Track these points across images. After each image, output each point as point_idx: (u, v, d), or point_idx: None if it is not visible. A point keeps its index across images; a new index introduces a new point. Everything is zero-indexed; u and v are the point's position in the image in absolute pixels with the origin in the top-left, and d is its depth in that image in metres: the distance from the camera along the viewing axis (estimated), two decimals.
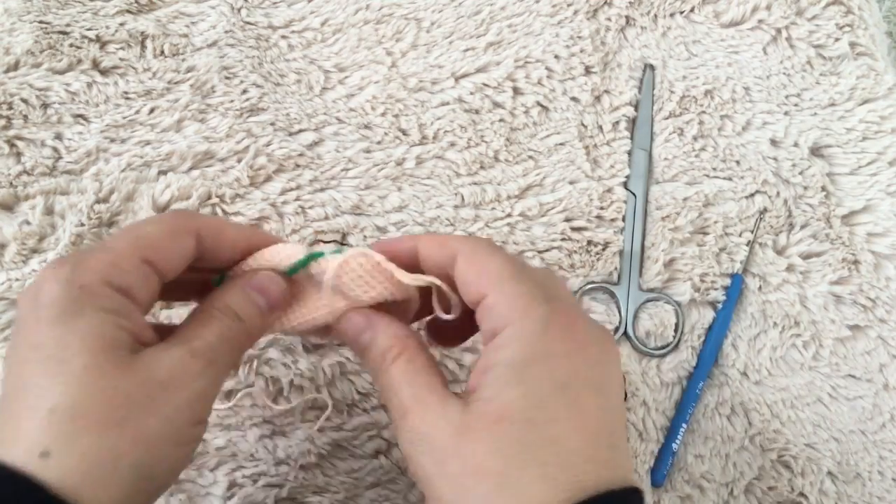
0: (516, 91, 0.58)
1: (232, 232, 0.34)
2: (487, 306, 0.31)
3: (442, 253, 0.33)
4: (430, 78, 0.58)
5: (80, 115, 0.54)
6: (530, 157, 0.56)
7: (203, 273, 0.35)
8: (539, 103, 0.58)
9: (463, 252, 0.32)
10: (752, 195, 0.57)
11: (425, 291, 0.35)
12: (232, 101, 0.55)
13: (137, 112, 0.55)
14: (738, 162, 0.58)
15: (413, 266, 0.34)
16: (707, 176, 0.57)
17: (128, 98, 0.55)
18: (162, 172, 0.53)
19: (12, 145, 0.53)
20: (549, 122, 0.58)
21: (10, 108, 0.53)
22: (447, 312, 0.34)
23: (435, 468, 0.29)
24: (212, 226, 0.33)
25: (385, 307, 0.36)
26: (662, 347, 0.53)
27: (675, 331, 0.53)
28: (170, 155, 0.53)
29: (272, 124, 0.55)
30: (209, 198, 0.53)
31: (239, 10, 0.58)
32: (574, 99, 0.58)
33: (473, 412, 0.29)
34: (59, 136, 0.53)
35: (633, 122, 0.58)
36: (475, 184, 0.55)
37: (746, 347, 0.53)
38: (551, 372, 0.29)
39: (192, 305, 0.35)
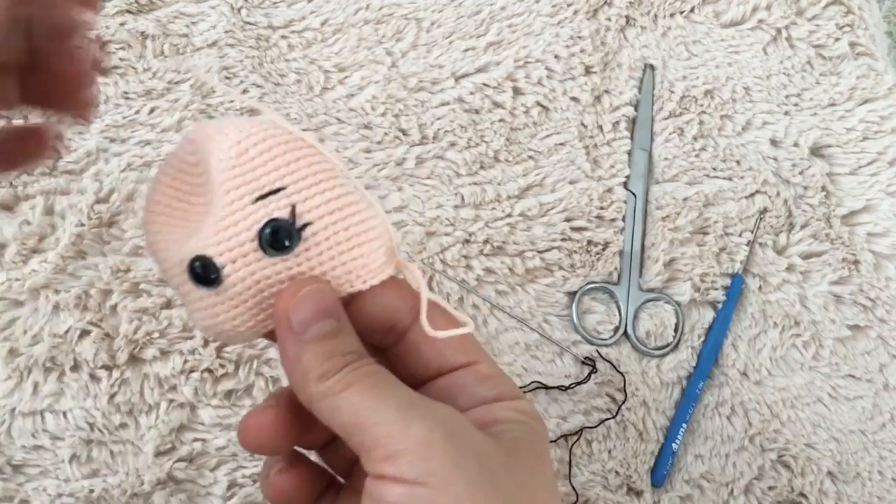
0: (516, 91, 0.58)
1: None
2: (480, 372, 0.27)
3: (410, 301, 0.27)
4: (430, 78, 0.58)
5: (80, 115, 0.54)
6: (530, 157, 0.56)
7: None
8: (539, 103, 0.58)
9: (436, 305, 0.28)
10: (752, 195, 0.57)
11: None
12: (232, 101, 0.55)
13: (137, 112, 0.54)
14: (738, 162, 0.58)
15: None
16: (707, 176, 0.57)
17: (128, 98, 0.55)
18: None
19: None
20: (549, 122, 0.58)
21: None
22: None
23: None
24: None
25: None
26: (662, 347, 0.53)
27: (675, 331, 0.53)
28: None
29: None
30: None
31: (239, 10, 0.58)
32: (574, 99, 0.58)
33: None
34: (58, 136, 0.53)
35: (633, 122, 0.58)
36: (475, 184, 0.55)
37: (746, 347, 0.53)
38: (544, 452, 0.26)
39: None
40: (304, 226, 0.25)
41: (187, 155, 0.26)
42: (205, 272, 0.25)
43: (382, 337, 0.28)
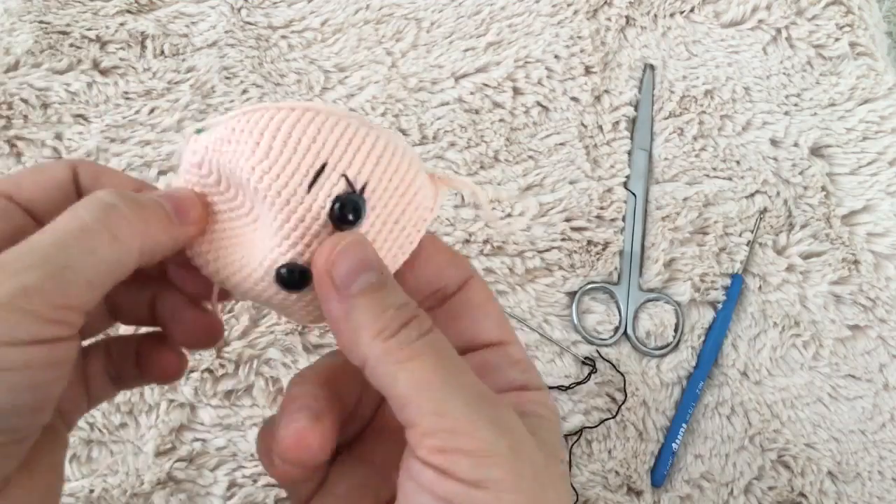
0: (516, 91, 0.58)
1: (114, 174, 0.27)
2: (510, 354, 0.27)
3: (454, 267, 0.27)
4: (430, 78, 0.58)
5: (81, 115, 0.54)
6: (530, 157, 0.56)
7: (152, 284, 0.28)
8: (539, 103, 0.58)
9: (478, 278, 0.28)
10: (752, 195, 0.57)
11: None
12: (232, 101, 0.55)
13: (137, 112, 0.55)
14: (738, 162, 0.58)
15: None
16: (707, 176, 0.57)
17: (128, 98, 0.55)
18: (162, 173, 0.53)
19: (12, 145, 0.53)
20: (549, 122, 0.58)
21: (11, 108, 0.53)
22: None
23: None
24: (89, 163, 0.27)
25: None
26: (662, 347, 0.53)
27: (675, 331, 0.53)
28: (170, 155, 0.53)
29: None
30: None
31: (239, 10, 0.58)
32: (574, 99, 0.58)
33: None
34: (59, 136, 0.53)
35: (633, 122, 0.58)
36: (475, 184, 0.55)
37: (746, 347, 0.53)
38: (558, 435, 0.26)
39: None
40: (364, 187, 0.25)
41: (203, 178, 0.26)
42: (292, 277, 0.25)
43: (424, 299, 0.27)
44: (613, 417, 0.50)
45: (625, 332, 0.53)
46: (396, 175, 0.25)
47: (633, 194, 0.56)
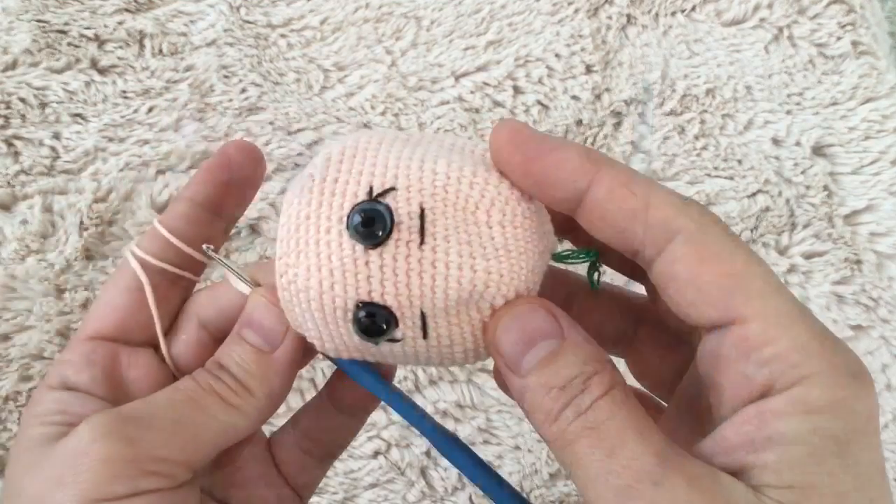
0: (517, 90, 0.58)
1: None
2: (745, 338, 0.20)
3: (631, 214, 0.21)
4: (429, 77, 0.57)
5: (79, 115, 0.54)
6: None
7: None
8: (539, 102, 0.57)
9: (688, 231, 0.20)
10: (753, 194, 0.57)
11: None
12: (231, 100, 0.55)
13: (136, 111, 0.54)
14: (739, 161, 0.57)
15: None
16: (708, 175, 0.57)
17: (126, 97, 0.55)
18: (160, 172, 0.53)
19: (10, 144, 0.52)
20: (549, 120, 0.57)
21: (8, 107, 0.53)
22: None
23: None
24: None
25: None
26: None
27: None
28: (168, 154, 0.53)
29: (271, 123, 0.55)
30: None
31: (238, 8, 0.58)
32: (575, 97, 0.58)
33: None
34: (57, 136, 0.53)
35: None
36: None
37: None
38: (875, 453, 0.20)
39: None
40: (386, 191, 0.20)
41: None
42: (371, 322, 0.22)
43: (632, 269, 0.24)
44: None
45: None
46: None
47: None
